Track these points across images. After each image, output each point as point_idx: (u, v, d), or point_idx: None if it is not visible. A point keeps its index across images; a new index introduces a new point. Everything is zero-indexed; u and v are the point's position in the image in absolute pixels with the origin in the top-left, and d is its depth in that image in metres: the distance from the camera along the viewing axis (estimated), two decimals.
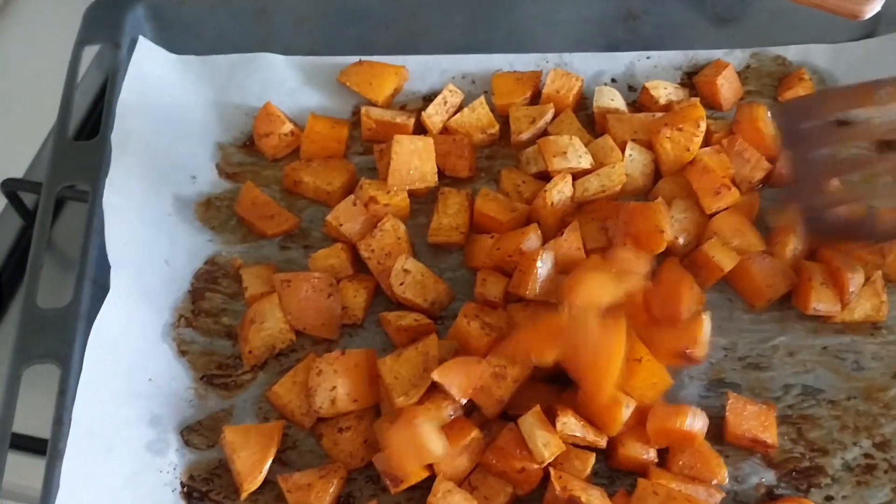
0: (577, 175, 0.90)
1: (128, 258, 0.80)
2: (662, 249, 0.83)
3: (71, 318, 0.76)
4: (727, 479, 0.74)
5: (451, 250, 0.90)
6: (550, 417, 0.72)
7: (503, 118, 0.97)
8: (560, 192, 0.87)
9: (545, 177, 0.90)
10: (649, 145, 0.92)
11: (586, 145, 0.92)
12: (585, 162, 0.90)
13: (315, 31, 0.98)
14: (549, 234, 0.84)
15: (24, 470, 0.76)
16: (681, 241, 0.85)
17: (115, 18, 0.94)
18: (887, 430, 0.77)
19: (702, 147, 0.90)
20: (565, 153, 0.90)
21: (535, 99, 0.99)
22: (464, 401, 0.73)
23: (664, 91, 0.96)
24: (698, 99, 0.93)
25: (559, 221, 0.86)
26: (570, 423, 0.71)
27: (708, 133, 0.92)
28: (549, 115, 0.95)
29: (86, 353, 0.73)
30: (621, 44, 1.00)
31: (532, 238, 0.83)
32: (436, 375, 0.73)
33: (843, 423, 0.78)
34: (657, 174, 0.92)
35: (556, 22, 0.99)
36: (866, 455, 0.76)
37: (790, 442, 0.77)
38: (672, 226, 0.84)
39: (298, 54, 0.99)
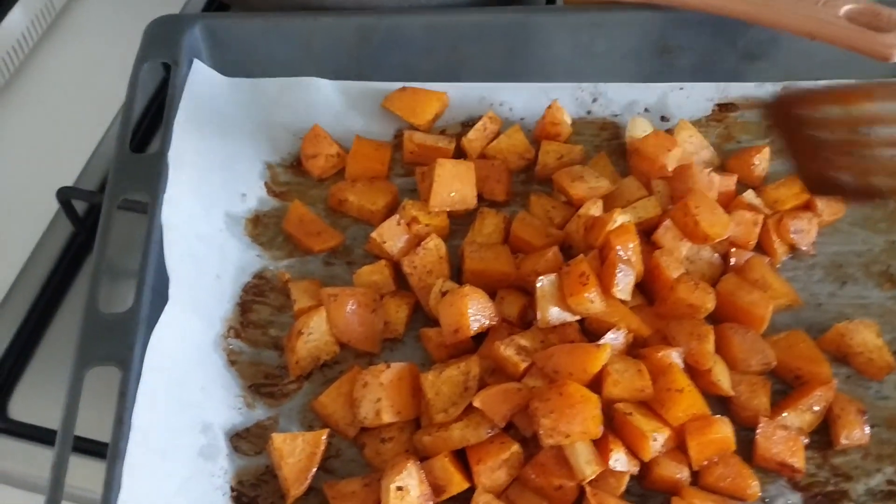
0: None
1: (183, 272, 0.83)
2: None
3: (131, 322, 0.79)
4: (758, 495, 0.77)
5: None
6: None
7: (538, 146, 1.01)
8: (591, 216, 0.90)
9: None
10: None
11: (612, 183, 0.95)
12: (604, 184, 0.93)
13: (361, 56, 1.02)
14: None
15: (80, 472, 0.80)
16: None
17: (174, 37, 0.98)
18: None
19: None
20: (582, 177, 0.94)
21: None
22: (503, 425, 0.76)
23: (688, 136, 0.99)
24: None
25: (592, 246, 0.89)
26: (622, 460, 0.74)
27: None
28: (577, 156, 0.99)
29: (144, 362, 0.76)
30: (655, 76, 1.04)
31: (550, 259, 0.85)
32: (477, 402, 0.76)
33: (866, 450, 0.80)
34: None
35: (592, 55, 1.03)
36: (889, 482, 0.79)
37: (815, 466, 0.79)
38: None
39: (345, 77, 1.03)
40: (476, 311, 0.82)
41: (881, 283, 0.91)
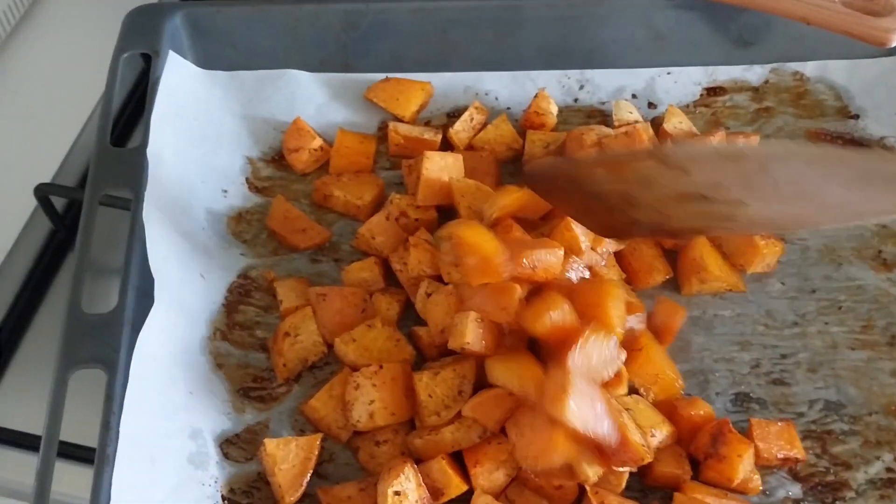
0: None
1: (167, 272, 0.81)
2: None
3: (116, 323, 0.76)
4: (760, 488, 0.76)
5: None
6: None
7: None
8: None
9: None
10: None
11: None
12: None
13: (347, 45, 0.99)
14: None
15: (66, 478, 0.77)
16: None
17: (154, 27, 0.94)
18: None
19: None
20: None
21: None
22: (497, 430, 0.75)
23: (677, 122, 0.98)
24: None
25: None
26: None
27: None
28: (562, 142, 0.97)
29: (131, 366, 0.74)
30: (646, 63, 1.02)
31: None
32: (467, 410, 0.74)
33: (864, 437, 0.80)
34: None
35: (582, 41, 1.01)
36: (888, 469, 0.78)
37: (815, 456, 0.79)
38: None
39: (330, 67, 1.00)
40: None
41: (875, 267, 0.91)
